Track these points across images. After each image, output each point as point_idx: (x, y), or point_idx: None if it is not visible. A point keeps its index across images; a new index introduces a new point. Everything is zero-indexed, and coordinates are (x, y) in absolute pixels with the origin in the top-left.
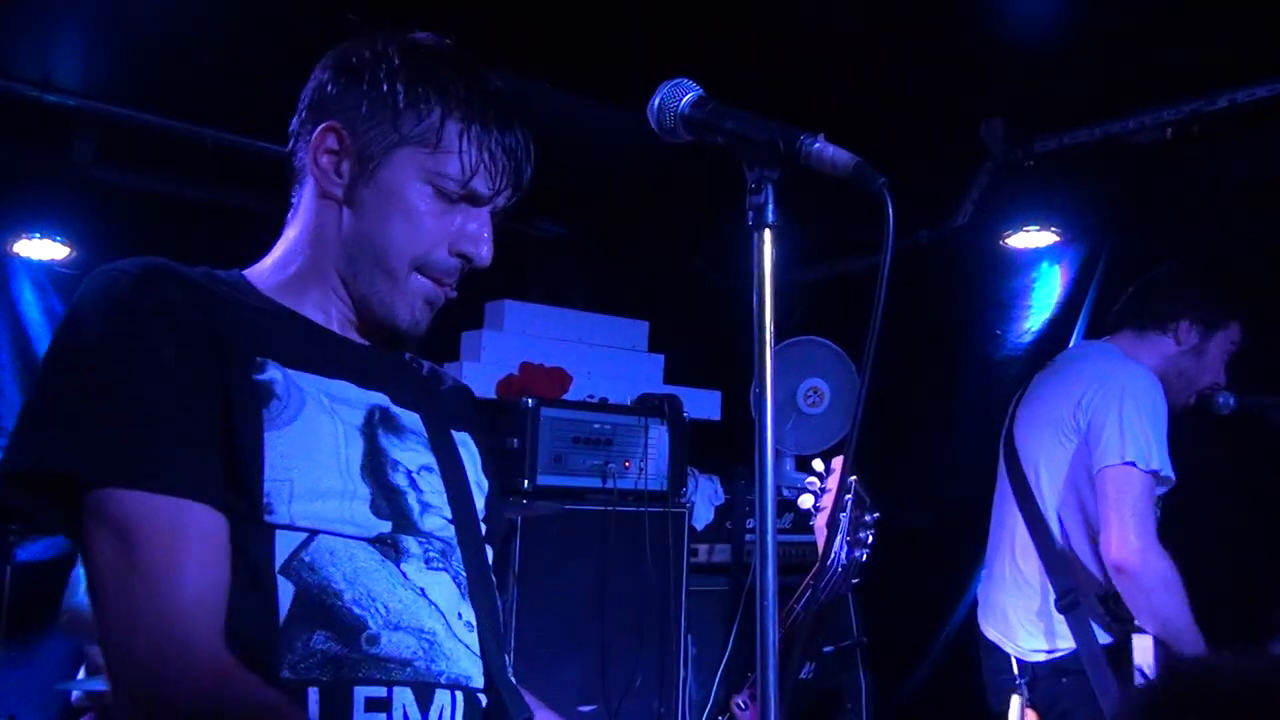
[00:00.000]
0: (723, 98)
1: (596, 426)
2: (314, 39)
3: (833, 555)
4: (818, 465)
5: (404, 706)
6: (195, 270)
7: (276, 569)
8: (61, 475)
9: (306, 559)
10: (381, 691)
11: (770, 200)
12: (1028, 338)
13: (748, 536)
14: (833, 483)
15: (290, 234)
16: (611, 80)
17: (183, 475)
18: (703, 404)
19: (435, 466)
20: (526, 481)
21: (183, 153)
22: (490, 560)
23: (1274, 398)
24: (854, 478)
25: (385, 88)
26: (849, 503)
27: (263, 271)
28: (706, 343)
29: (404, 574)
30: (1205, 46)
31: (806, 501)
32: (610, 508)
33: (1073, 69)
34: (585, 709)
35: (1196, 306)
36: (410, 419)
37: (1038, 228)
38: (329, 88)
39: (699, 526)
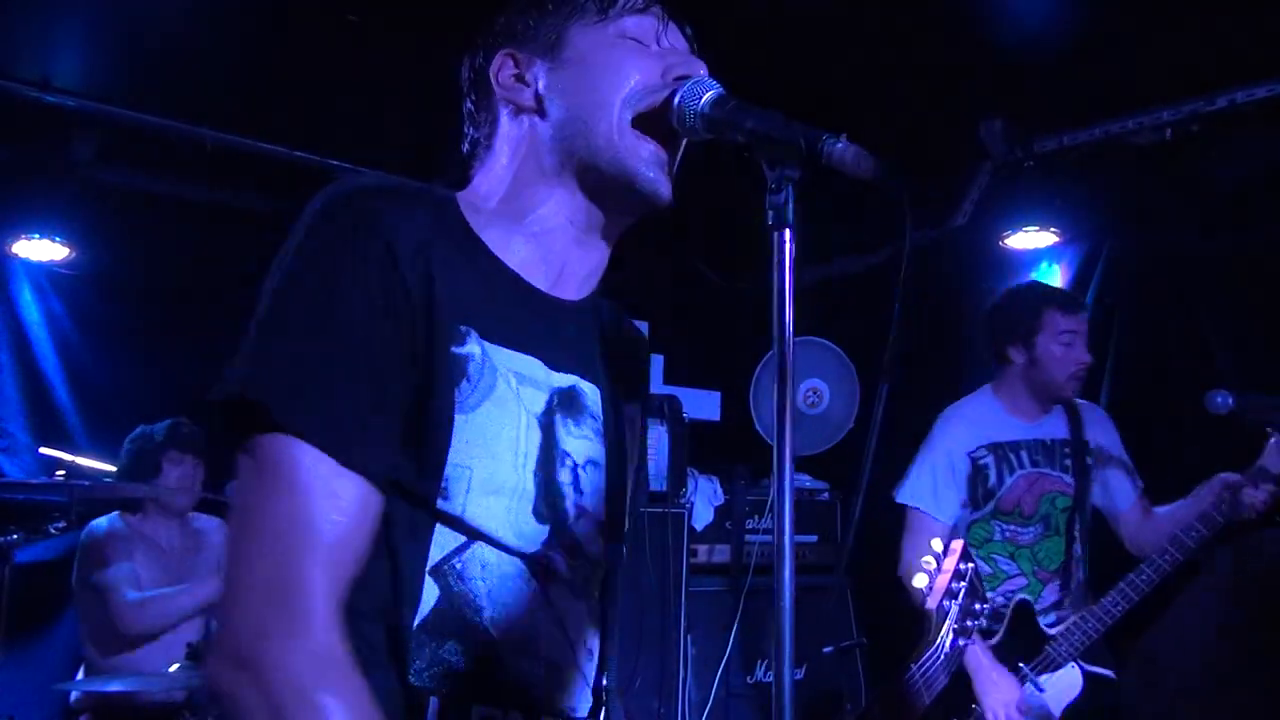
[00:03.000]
0: (738, 98)
1: None
2: (314, 40)
3: (937, 642)
4: (936, 545)
5: None
6: (416, 188)
7: (427, 568)
8: (259, 407)
9: (458, 566)
10: (499, 714)
11: (790, 200)
12: None
13: (747, 537)
14: (949, 564)
15: (490, 170)
16: None
17: (369, 453)
18: (702, 404)
19: (602, 460)
20: None
21: (182, 153)
22: (625, 562)
23: (1274, 399)
24: (972, 565)
25: (532, 4)
26: (962, 590)
27: (474, 199)
28: (706, 343)
29: (547, 598)
30: (1204, 47)
31: (921, 581)
32: None
33: (1072, 70)
34: None
35: (1000, 334)
36: (591, 396)
37: (1037, 228)
38: (489, 36)
39: (698, 527)
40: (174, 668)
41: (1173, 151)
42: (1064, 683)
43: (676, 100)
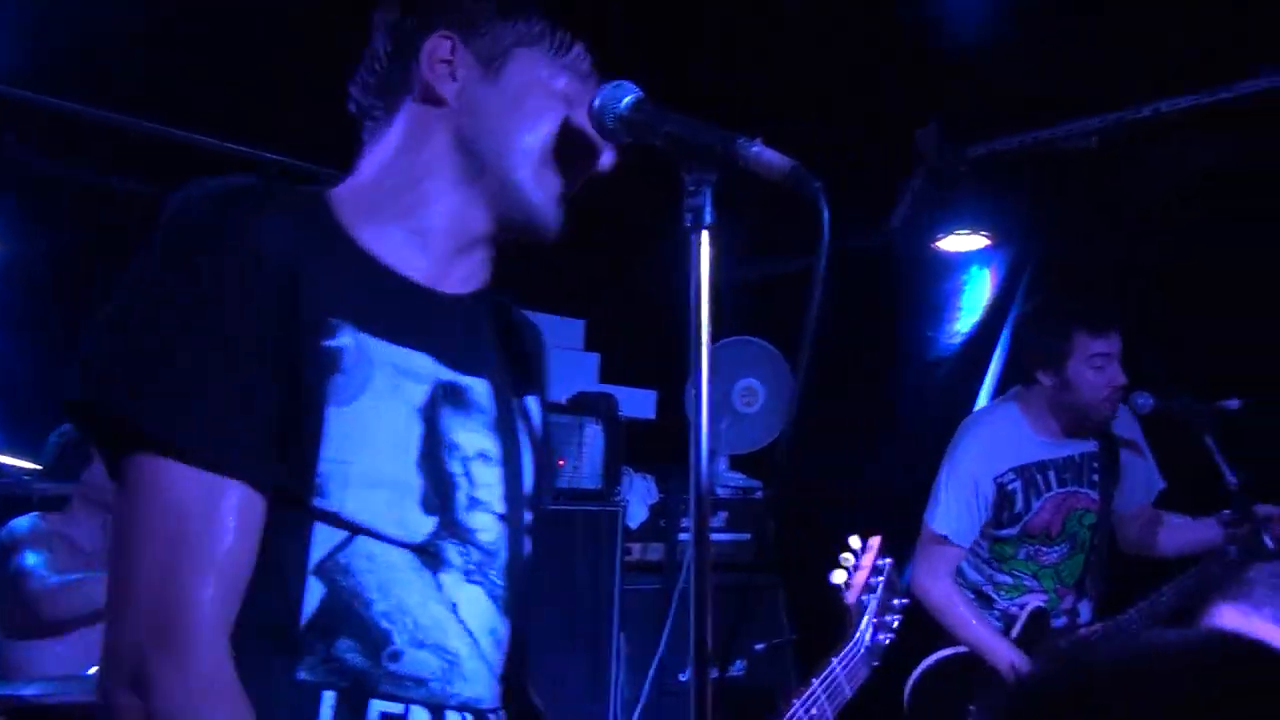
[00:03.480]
0: (659, 101)
1: None
2: (247, 32)
3: (857, 636)
4: (854, 543)
5: None
6: (281, 188)
7: (310, 568)
8: (123, 422)
9: (342, 561)
10: (399, 709)
11: (708, 202)
12: (958, 339)
13: (681, 535)
14: (867, 560)
15: (376, 162)
16: None
17: (229, 450)
18: (638, 403)
19: (494, 454)
20: None
21: (111, 144)
22: (529, 554)
23: (1192, 399)
24: (889, 560)
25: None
26: (880, 585)
27: (346, 195)
28: (642, 342)
29: (439, 586)
30: (1131, 58)
31: (839, 578)
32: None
33: (1004, 78)
34: None
35: (1035, 355)
36: (480, 391)
37: (968, 232)
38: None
39: (633, 525)
40: (93, 671)
41: (1099, 159)
42: None
43: (596, 103)
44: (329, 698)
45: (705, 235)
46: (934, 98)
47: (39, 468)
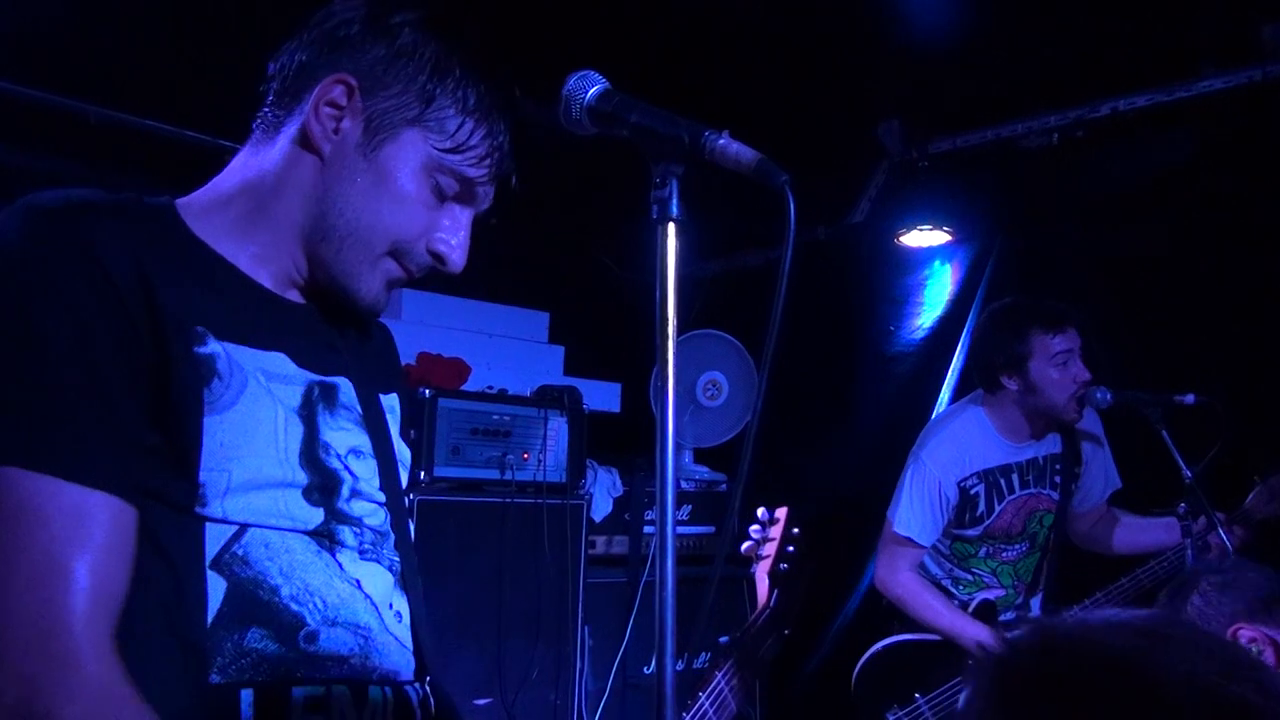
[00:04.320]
0: (625, 92)
1: (495, 418)
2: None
3: (772, 603)
4: (761, 513)
5: (341, 706)
6: (125, 200)
7: (207, 563)
8: None
9: (239, 552)
10: (320, 691)
11: (674, 194)
12: (920, 334)
13: (646, 528)
14: (776, 531)
15: (242, 172)
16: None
17: (89, 461)
18: (602, 396)
19: (366, 448)
20: (424, 473)
21: (64, 130)
22: (413, 539)
23: (1148, 393)
24: (797, 529)
25: (418, 61)
26: (791, 553)
27: (197, 206)
28: (607, 335)
29: (340, 565)
30: (1090, 57)
31: (751, 548)
32: (508, 499)
33: (967, 75)
34: (481, 702)
35: (996, 361)
36: (345, 391)
37: (931, 227)
38: (354, 30)
39: (597, 518)
40: None
41: (1060, 156)
42: None
43: (563, 92)
44: (247, 696)
45: (671, 228)
46: (897, 93)
47: None
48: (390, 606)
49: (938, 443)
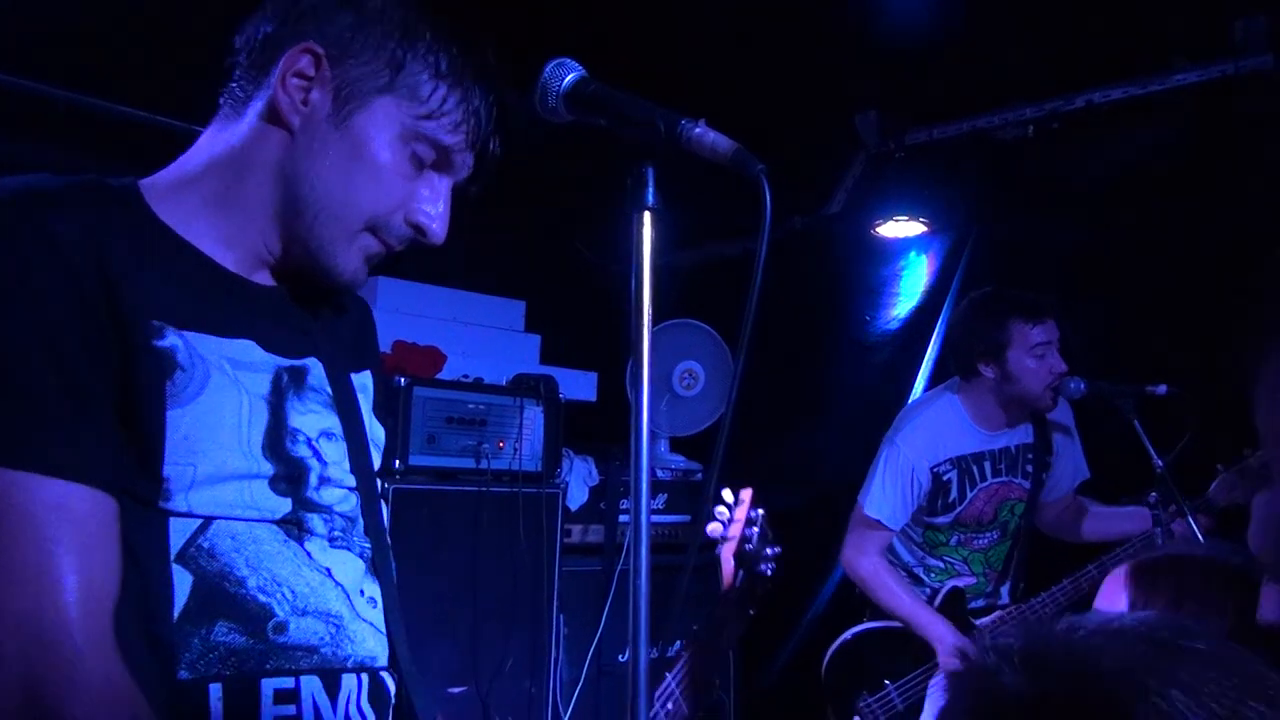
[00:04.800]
0: (603, 82)
1: (471, 406)
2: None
3: (738, 585)
4: (727, 495)
5: (313, 695)
6: (85, 184)
7: (172, 558)
8: None
9: (205, 545)
10: (289, 683)
11: (650, 183)
12: (895, 324)
13: (621, 517)
14: (740, 513)
15: (209, 149)
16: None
17: (69, 455)
18: (578, 385)
19: (337, 431)
20: (399, 462)
21: (32, 115)
22: (386, 522)
23: (1121, 384)
24: (761, 510)
25: (386, 26)
26: (755, 535)
27: (161, 186)
28: (583, 324)
29: (309, 554)
30: (1065, 50)
31: (715, 530)
32: (484, 488)
33: (943, 66)
34: (455, 690)
35: (974, 348)
36: (315, 373)
37: (907, 217)
38: (301, 11)
39: (573, 507)
40: None
41: (1034, 147)
42: None
43: (539, 80)
44: (215, 690)
45: (647, 217)
46: (874, 85)
47: None
48: (362, 593)
49: (913, 428)
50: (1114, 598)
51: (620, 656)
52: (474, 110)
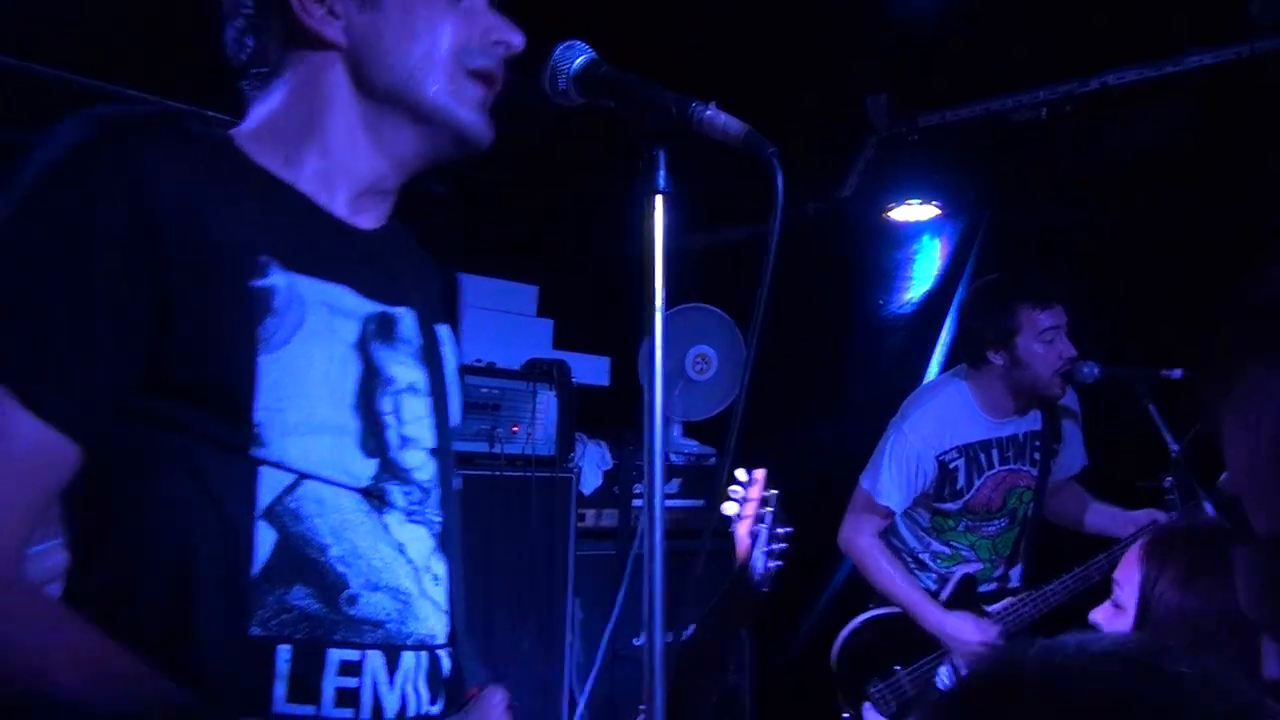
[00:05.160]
0: (612, 64)
1: (484, 391)
2: None
3: (750, 565)
4: (741, 475)
5: (374, 671)
6: (191, 123)
7: (258, 513)
8: None
9: (292, 505)
10: (355, 655)
11: (662, 166)
12: (908, 308)
13: (635, 501)
14: (755, 492)
15: (274, 106)
16: None
17: (47, 390)
18: (592, 369)
19: (421, 385)
20: None
21: (49, 100)
22: (458, 489)
23: (1139, 369)
24: (775, 491)
25: None
26: (768, 515)
27: (251, 137)
28: (596, 308)
29: (386, 527)
30: (1079, 31)
31: (731, 509)
32: (497, 473)
33: (956, 48)
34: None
35: (983, 335)
36: (405, 322)
37: (919, 201)
38: None
39: (586, 491)
40: None
41: (1049, 130)
42: None
43: (549, 63)
44: (284, 652)
45: (659, 200)
46: (885, 67)
47: None
48: (429, 569)
49: (920, 415)
50: (1129, 573)
51: (635, 640)
52: None
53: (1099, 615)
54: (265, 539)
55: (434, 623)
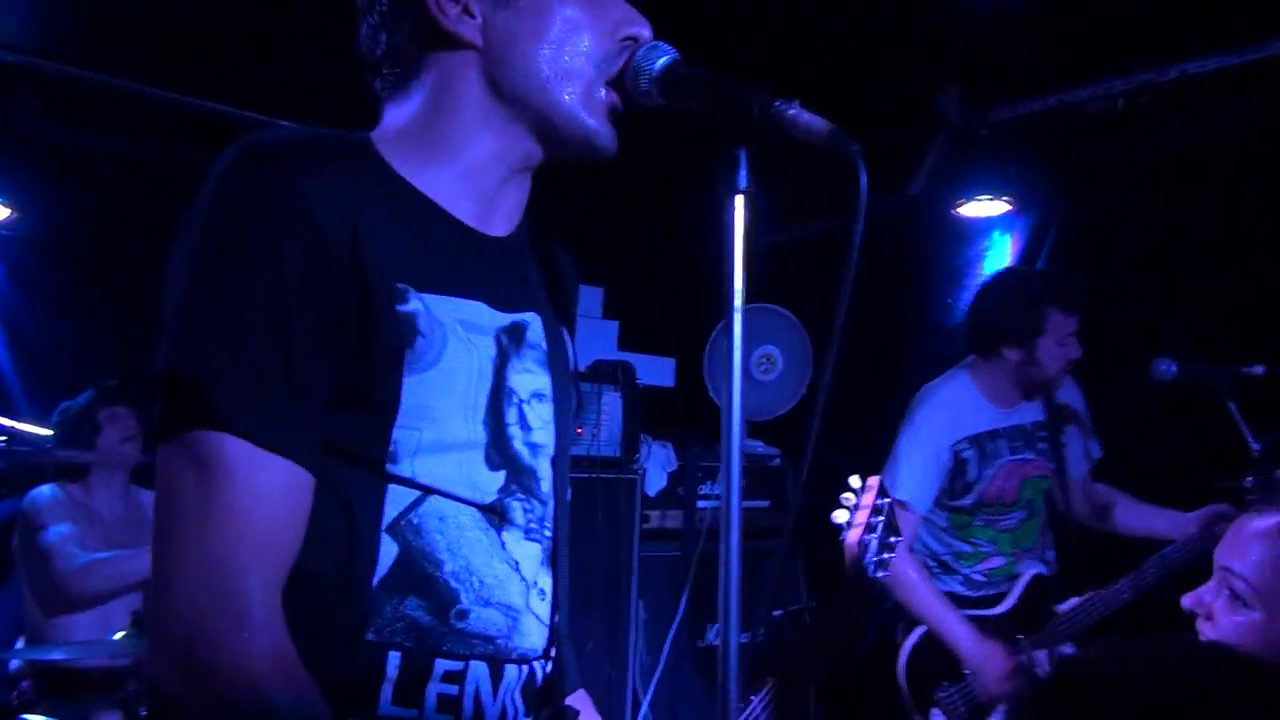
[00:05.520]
0: (692, 64)
1: None
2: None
3: (860, 573)
4: (854, 482)
5: (477, 681)
6: (335, 140)
7: (383, 527)
8: (185, 399)
9: (415, 521)
10: (459, 665)
11: (743, 165)
12: None
13: (699, 503)
14: (868, 499)
15: (410, 109)
16: None
17: (295, 436)
18: (656, 371)
19: (547, 391)
20: None
21: (125, 110)
22: (569, 499)
23: (1218, 367)
24: (888, 500)
25: None
26: (880, 524)
27: (389, 143)
28: (662, 310)
29: (503, 544)
30: (1156, 19)
31: (841, 517)
32: None
33: (1028, 39)
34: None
35: (1003, 330)
36: (533, 328)
37: (990, 197)
38: None
39: (651, 493)
40: (118, 635)
41: (1124, 121)
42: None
43: (631, 65)
44: (394, 658)
45: (740, 199)
46: (956, 61)
47: (52, 435)
48: (536, 584)
49: (931, 408)
50: (1247, 549)
51: (699, 642)
52: None
53: (1199, 602)
54: (388, 552)
55: (536, 638)
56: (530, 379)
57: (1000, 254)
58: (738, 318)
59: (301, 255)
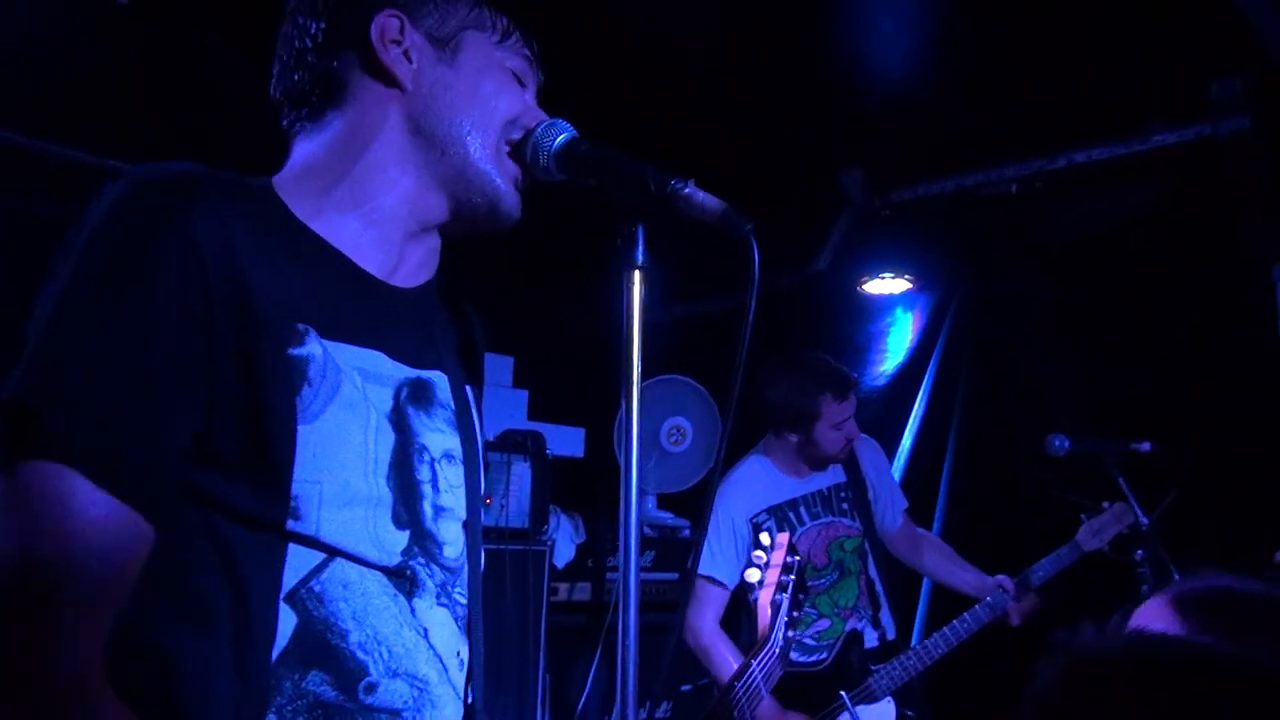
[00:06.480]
0: (591, 140)
1: None
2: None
3: (773, 637)
4: (764, 539)
5: None
6: (227, 178)
7: (281, 595)
8: (32, 428)
9: (316, 589)
10: None
11: (640, 242)
12: (883, 380)
13: (608, 575)
14: (778, 558)
15: (323, 142)
16: None
17: (130, 472)
18: (566, 441)
19: (457, 452)
20: None
21: (26, 168)
22: (483, 566)
23: (1107, 442)
24: (797, 557)
25: None
26: (790, 583)
27: (289, 182)
28: (571, 379)
29: (412, 611)
30: (1047, 111)
31: (753, 576)
32: None
33: (928, 126)
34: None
35: (782, 417)
36: (440, 386)
37: (893, 275)
38: None
39: (560, 565)
40: None
41: (1018, 205)
42: (877, 717)
43: (530, 139)
44: None
45: (637, 275)
46: (859, 143)
47: None
48: (455, 654)
49: (725, 488)
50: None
51: (606, 717)
52: (523, 32)
53: None
54: (286, 623)
55: (450, 709)
56: (441, 439)
57: (903, 330)
58: (635, 391)
59: (180, 287)
